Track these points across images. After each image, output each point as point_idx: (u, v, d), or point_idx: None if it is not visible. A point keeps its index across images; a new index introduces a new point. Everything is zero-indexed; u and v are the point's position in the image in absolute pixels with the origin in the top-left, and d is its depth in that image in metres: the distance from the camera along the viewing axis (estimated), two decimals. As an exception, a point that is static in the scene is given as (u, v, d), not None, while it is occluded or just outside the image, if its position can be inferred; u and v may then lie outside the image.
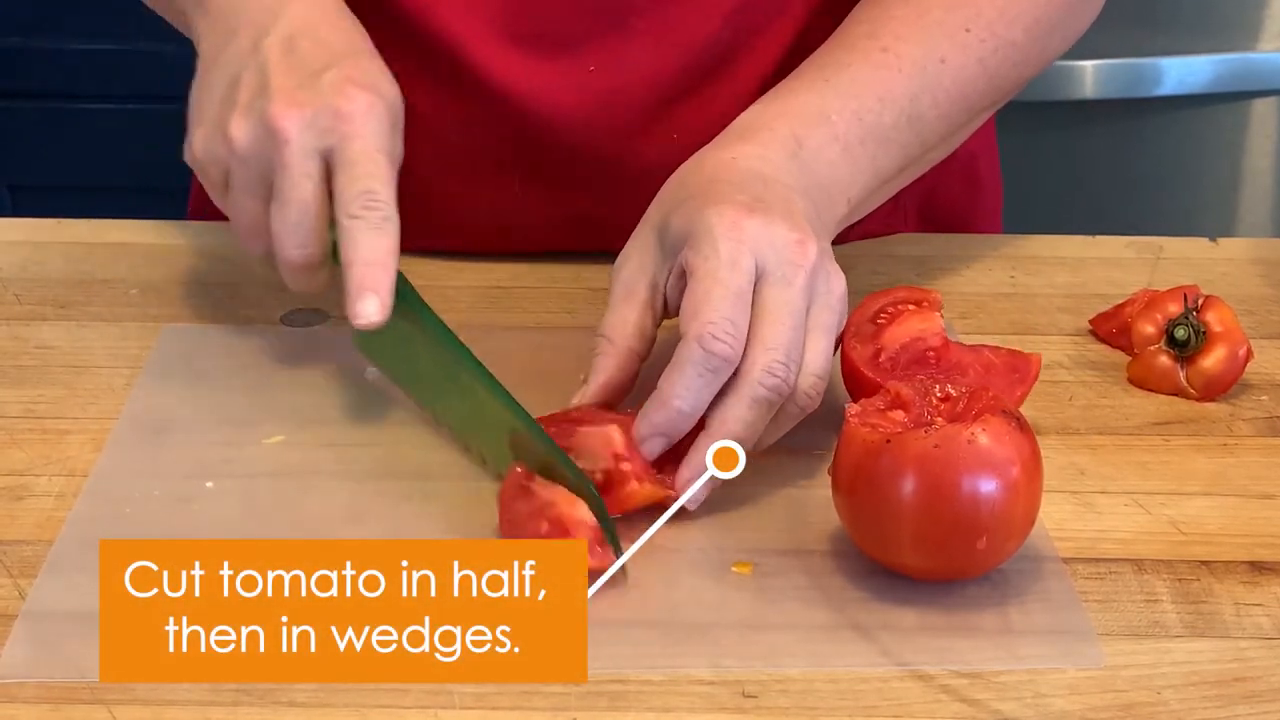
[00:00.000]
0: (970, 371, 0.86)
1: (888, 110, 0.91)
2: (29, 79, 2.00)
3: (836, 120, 0.90)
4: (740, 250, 0.80)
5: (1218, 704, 0.70)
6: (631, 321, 0.84)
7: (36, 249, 1.07)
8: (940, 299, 0.89)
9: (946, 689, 0.70)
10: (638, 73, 1.01)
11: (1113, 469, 0.86)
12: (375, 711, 0.69)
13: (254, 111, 0.85)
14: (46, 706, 0.69)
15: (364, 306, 0.83)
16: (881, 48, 0.93)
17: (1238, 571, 0.78)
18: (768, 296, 0.80)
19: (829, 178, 0.89)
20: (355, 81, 0.86)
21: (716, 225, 0.81)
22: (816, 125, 0.90)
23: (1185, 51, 1.91)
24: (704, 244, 0.81)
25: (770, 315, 0.80)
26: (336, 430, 0.87)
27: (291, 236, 0.86)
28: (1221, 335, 0.92)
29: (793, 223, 0.82)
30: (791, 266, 0.81)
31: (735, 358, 0.79)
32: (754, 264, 0.81)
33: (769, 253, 0.81)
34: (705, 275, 0.80)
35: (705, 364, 0.79)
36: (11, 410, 0.89)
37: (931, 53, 0.93)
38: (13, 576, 0.76)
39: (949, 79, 0.94)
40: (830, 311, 0.82)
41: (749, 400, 0.79)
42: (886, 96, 0.92)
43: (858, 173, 0.90)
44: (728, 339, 0.79)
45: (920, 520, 0.73)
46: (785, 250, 0.81)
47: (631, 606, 0.75)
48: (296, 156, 0.84)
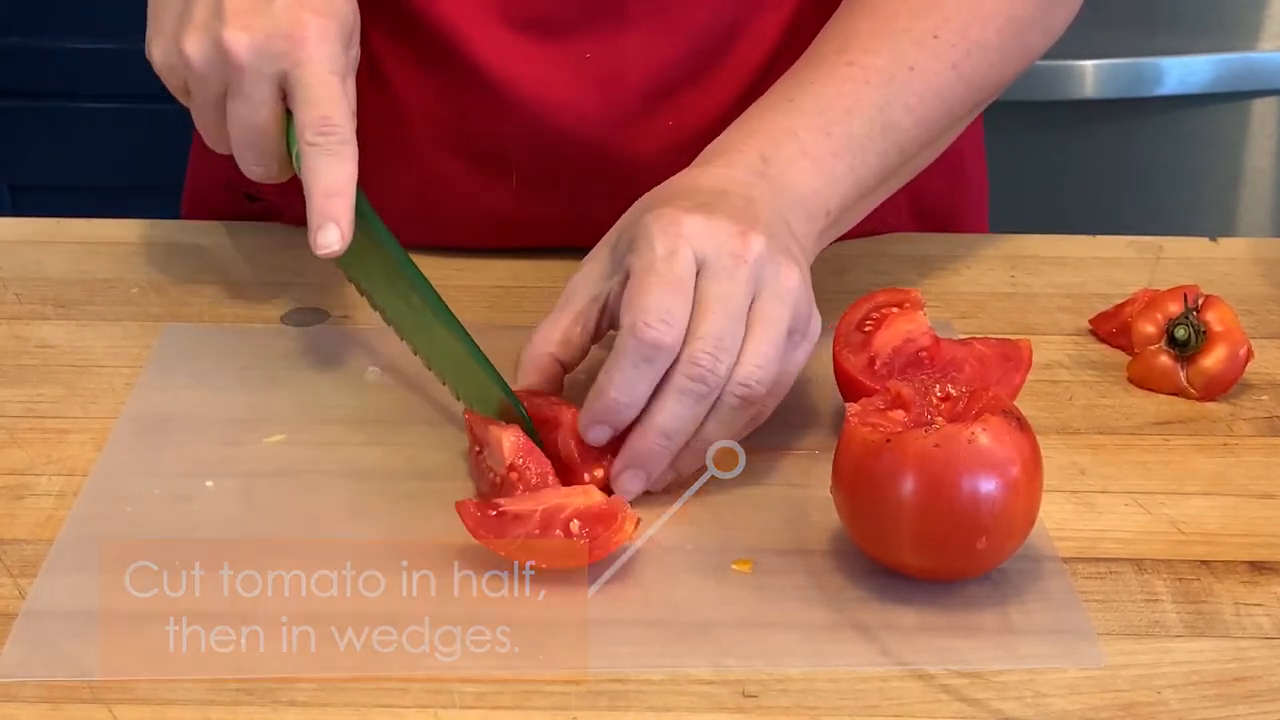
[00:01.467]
0: (965, 366, 0.86)
1: (856, 121, 0.91)
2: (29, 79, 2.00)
3: (804, 136, 0.90)
4: (678, 244, 0.81)
5: (1218, 704, 0.70)
6: (559, 329, 0.85)
7: (37, 248, 1.07)
8: (921, 297, 0.89)
9: (947, 688, 0.70)
10: (634, 60, 1.01)
11: (1113, 469, 0.86)
12: (375, 711, 0.69)
13: (208, 32, 0.86)
14: (47, 705, 0.69)
15: (324, 237, 0.84)
16: (848, 61, 0.93)
17: (1238, 571, 0.78)
18: (704, 288, 0.80)
19: (803, 190, 0.89)
20: (307, 5, 0.87)
21: (654, 224, 0.82)
22: (783, 143, 0.89)
23: (1185, 51, 1.91)
24: (641, 243, 0.82)
25: (703, 306, 0.80)
26: (337, 430, 0.87)
27: (249, 154, 0.88)
28: (1222, 335, 0.92)
29: (739, 219, 0.82)
30: (731, 258, 0.81)
31: (669, 345, 0.79)
32: (693, 257, 0.81)
33: (708, 245, 0.81)
34: (641, 270, 0.81)
35: (638, 353, 0.79)
36: (12, 409, 0.89)
37: (899, 61, 0.93)
38: (13, 576, 0.76)
39: (920, 85, 0.93)
40: (778, 302, 0.81)
41: (674, 391, 0.79)
42: (854, 108, 0.91)
43: (834, 183, 0.90)
44: (660, 326, 0.79)
45: (920, 520, 0.73)
46: (726, 243, 0.81)
47: (632, 605, 0.75)
48: (250, 83, 0.86)
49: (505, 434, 0.81)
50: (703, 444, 0.80)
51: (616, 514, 0.76)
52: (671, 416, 0.80)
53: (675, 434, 0.80)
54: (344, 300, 1.00)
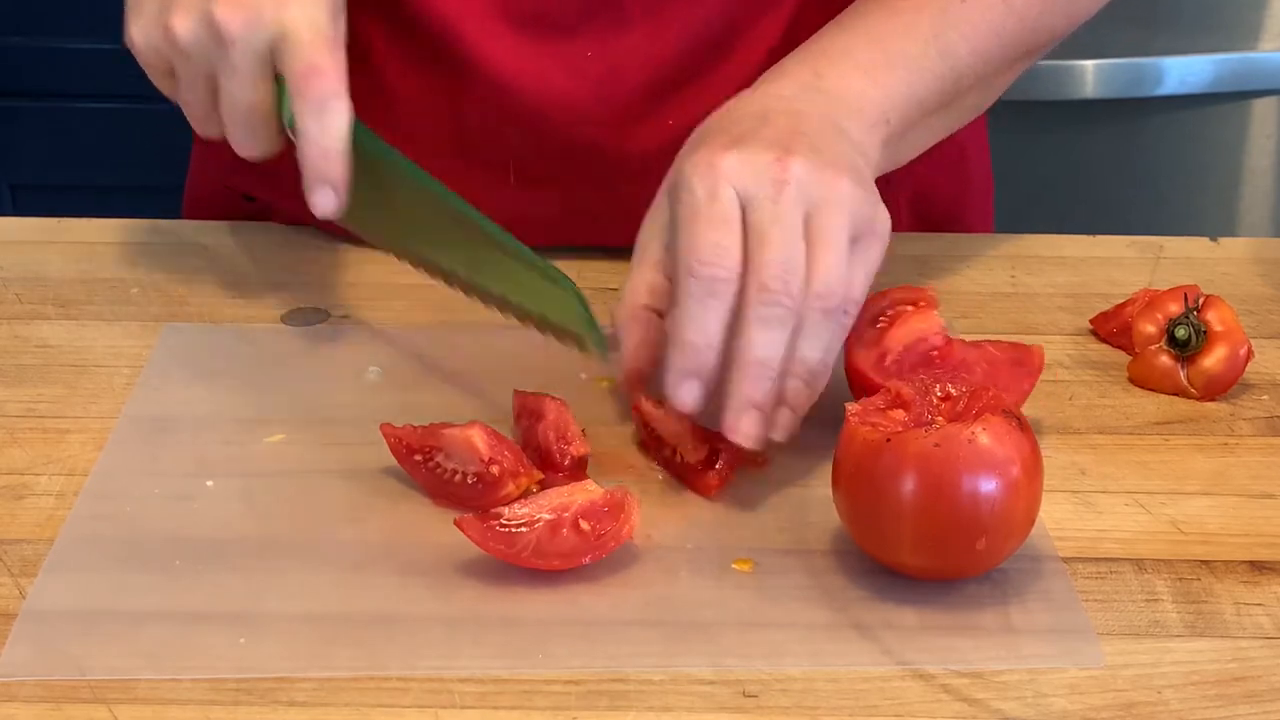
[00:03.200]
0: (976, 369, 0.86)
1: (912, 43, 0.92)
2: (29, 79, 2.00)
3: (859, 53, 0.91)
4: (716, 183, 0.81)
5: (1218, 703, 0.70)
6: (644, 280, 0.84)
7: (37, 248, 1.07)
8: (936, 296, 0.89)
9: (947, 688, 0.70)
10: (634, 58, 1.01)
11: (1113, 468, 0.86)
12: (375, 711, 0.69)
13: (197, 8, 0.86)
14: (47, 705, 0.69)
15: (320, 199, 0.85)
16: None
17: (1238, 571, 0.78)
18: (753, 220, 0.80)
19: (859, 99, 0.89)
20: None
21: (691, 171, 0.82)
22: (838, 59, 0.90)
23: (1186, 51, 1.91)
24: (682, 191, 0.82)
25: (757, 235, 0.80)
26: (337, 429, 0.87)
27: (243, 132, 0.88)
28: (1222, 335, 0.92)
29: (775, 144, 0.82)
30: (773, 184, 0.81)
31: (730, 276, 0.79)
32: (734, 193, 0.81)
33: (748, 178, 0.81)
34: (684, 217, 0.81)
35: (700, 290, 0.79)
36: (12, 409, 0.89)
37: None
38: (13, 575, 0.76)
39: (975, 14, 0.94)
40: (830, 213, 0.81)
41: (754, 321, 0.79)
42: (909, 32, 0.92)
43: (892, 95, 0.90)
44: (714, 259, 0.79)
45: (920, 519, 0.73)
46: (765, 171, 0.81)
47: (632, 605, 0.75)
48: (243, 59, 0.86)
49: (470, 431, 0.81)
50: (803, 367, 0.80)
51: (622, 504, 0.76)
52: (760, 344, 0.79)
53: (769, 360, 0.79)
54: (344, 300, 1.00)
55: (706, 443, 0.82)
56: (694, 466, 0.82)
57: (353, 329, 0.98)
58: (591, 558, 0.75)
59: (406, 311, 0.99)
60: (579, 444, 0.83)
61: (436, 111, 1.03)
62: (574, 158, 1.02)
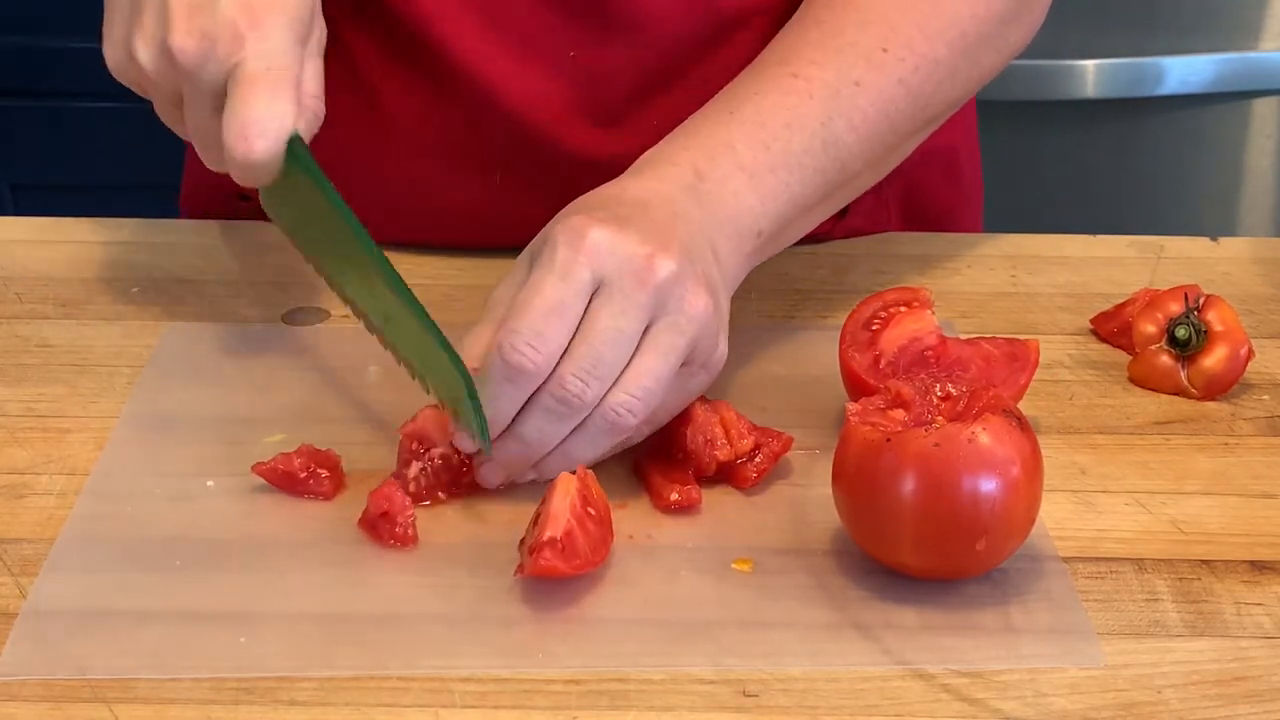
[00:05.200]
0: (971, 366, 0.86)
1: (797, 136, 0.89)
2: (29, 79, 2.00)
3: (742, 150, 0.88)
4: (575, 260, 0.79)
5: (1218, 703, 0.70)
6: (481, 342, 0.81)
7: (38, 248, 1.07)
8: (930, 296, 0.89)
9: (947, 688, 0.70)
10: (616, 64, 1.00)
11: (1114, 468, 0.86)
12: (376, 710, 0.69)
13: (156, 39, 0.85)
14: (47, 704, 0.69)
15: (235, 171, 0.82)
16: (792, 74, 0.90)
17: (1238, 571, 0.78)
18: (594, 308, 0.79)
19: (735, 208, 0.87)
20: (254, 4, 0.84)
21: (561, 234, 0.80)
22: (720, 156, 0.87)
23: (1186, 51, 1.91)
24: (544, 252, 0.80)
25: (587, 327, 0.79)
26: (337, 429, 0.87)
27: (208, 155, 0.87)
28: (1223, 335, 0.92)
29: (652, 238, 0.80)
30: (633, 279, 0.79)
31: (536, 370, 0.78)
32: (590, 275, 0.79)
33: (609, 263, 0.79)
34: (531, 284, 0.79)
35: (502, 373, 0.78)
36: (13, 409, 0.89)
37: (845, 75, 0.91)
38: (14, 575, 0.76)
39: (865, 101, 0.91)
40: (675, 332, 0.79)
41: (539, 406, 0.79)
42: (795, 123, 0.89)
43: (769, 200, 0.88)
44: (526, 350, 0.78)
45: (920, 519, 0.73)
46: (629, 262, 0.79)
47: (632, 605, 0.75)
48: (196, 86, 0.85)
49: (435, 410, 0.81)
50: (565, 457, 0.80)
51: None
52: (533, 429, 0.79)
53: (535, 445, 0.80)
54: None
55: (750, 435, 0.83)
56: (731, 462, 0.82)
57: (352, 329, 0.97)
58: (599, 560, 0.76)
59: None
60: (724, 448, 0.82)
61: (421, 113, 1.03)
62: (558, 159, 1.02)
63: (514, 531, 0.78)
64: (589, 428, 0.79)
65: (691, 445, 0.82)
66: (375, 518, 0.78)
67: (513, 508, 0.80)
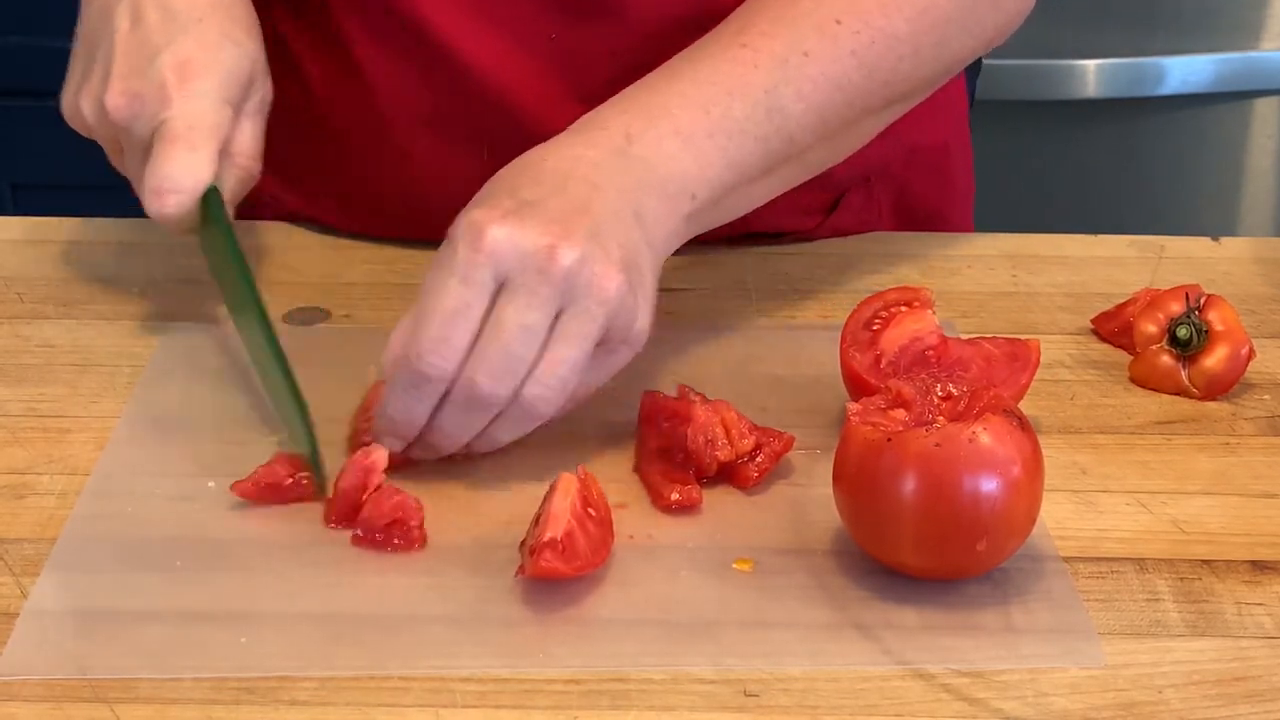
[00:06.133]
0: (972, 366, 0.86)
1: (738, 103, 0.88)
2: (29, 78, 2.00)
3: (679, 113, 0.87)
4: (474, 261, 0.79)
5: (1219, 703, 0.70)
6: (401, 337, 0.82)
7: (39, 248, 1.07)
8: (930, 296, 0.89)
9: (948, 688, 0.70)
10: (598, 43, 1.00)
11: (1114, 468, 0.86)
12: (377, 710, 0.69)
13: (96, 97, 0.92)
14: (48, 704, 0.69)
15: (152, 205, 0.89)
16: (741, 44, 0.90)
17: (1239, 571, 0.78)
18: (500, 306, 0.79)
19: (668, 171, 0.86)
20: (187, 64, 0.90)
21: (462, 235, 0.80)
22: (656, 119, 0.87)
23: (1187, 51, 1.91)
24: (446, 252, 0.80)
25: (493, 327, 0.79)
26: (337, 428, 0.87)
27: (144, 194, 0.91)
28: (1223, 334, 0.92)
29: (554, 226, 0.79)
30: (536, 274, 0.78)
31: (441, 376, 0.79)
32: (492, 274, 0.79)
33: (511, 261, 0.79)
34: (433, 289, 0.79)
35: (409, 380, 0.79)
36: (13, 409, 0.89)
37: (794, 45, 0.90)
38: (15, 575, 0.76)
39: (815, 70, 0.90)
40: (586, 319, 0.79)
41: (453, 404, 0.80)
42: (737, 90, 0.88)
43: (705, 166, 0.87)
44: (433, 359, 0.78)
45: (921, 519, 0.73)
46: (531, 257, 0.78)
47: (632, 604, 0.75)
48: (131, 144, 0.92)
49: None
50: (489, 440, 0.82)
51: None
52: (452, 424, 0.81)
53: (457, 438, 0.81)
54: (345, 300, 1.00)
55: (751, 435, 0.83)
56: (733, 462, 0.82)
57: (353, 329, 0.98)
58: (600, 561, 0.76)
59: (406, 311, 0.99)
60: (725, 448, 0.82)
61: (409, 91, 1.03)
62: (546, 138, 1.01)
63: (514, 532, 0.78)
64: (508, 417, 0.81)
65: (692, 445, 0.82)
66: (383, 527, 0.78)
67: (513, 508, 0.80)
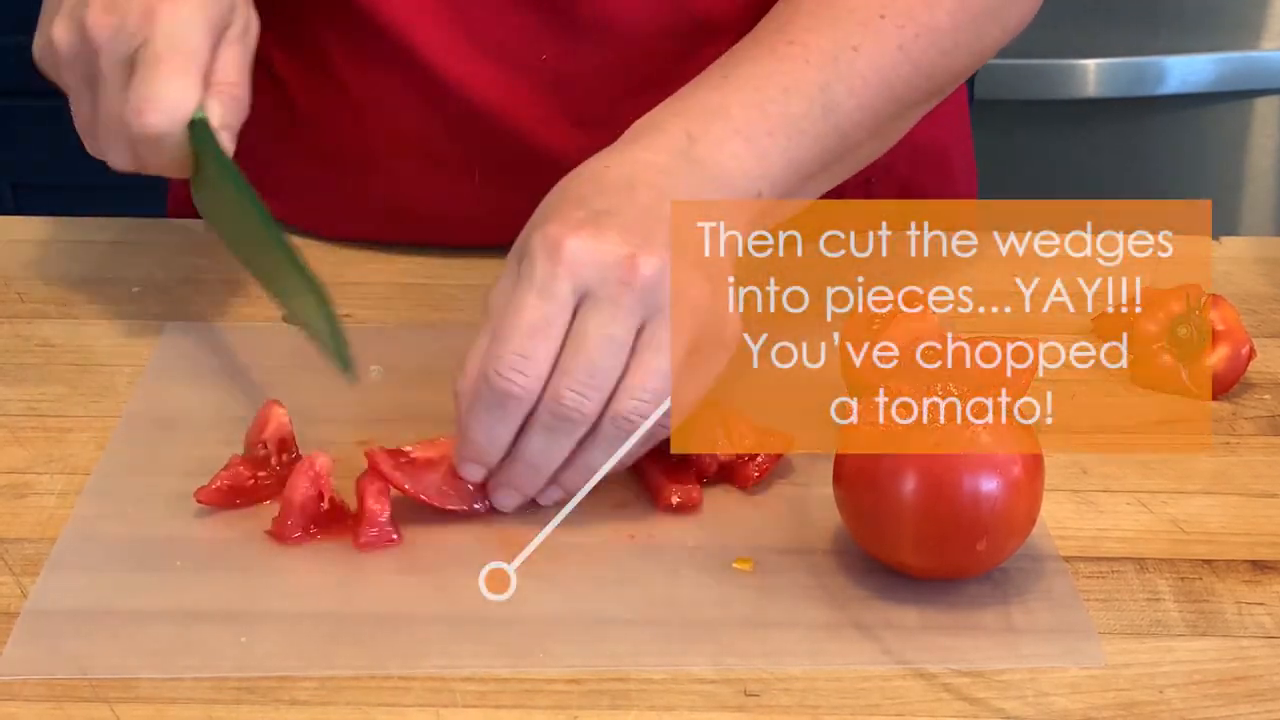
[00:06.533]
0: (972, 366, 0.86)
1: (794, 100, 0.87)
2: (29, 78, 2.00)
3: (737, 113, 0.86)
4: (555, 275, 0.76)
5: (1220, 703, 0.70)
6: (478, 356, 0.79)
7: (39, 247, 1.07)
8: (931, 296, 0.89)
9: (948, 687, 0.70)
10: (588, 63, 1.00)
11: (1115, 468, 0.86)
12: (377, 710, 0.69)
13: (74, 18, 0.88)
14: (48, 704, 0.69)
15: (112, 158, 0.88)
16: (788, 40, 0.89)
17: (1240, 570, 0.78)
18: (581, 319, 0.77)
19: (732, 170, 0.84)
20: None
21: (538, 249, 0.77)
22: (713, 120, 0.85)
23: (1188, 50, 1.91)
24: (524, 267, 0.78)
25: (575, 340, 0.76)
26: (337, 428, 0.87)
27: (116, 145, 0.89)
28: (1224, 334, 0.92)
29: (633, 235, 0.78)
30: (617, 285, 0.76)
31: (524, 394, 0.76)
32: (572, 288, 0.77)
33: (591, 273, 0.77)
34: (512, 304, 0.77)
35: (491, 400, 0.77)
36: (14, 408, 0.89)
37: (843, 42, 0.89)
38: (15, 574, 0.76)
39: (864, 66, 0.89)
40: (674, 324, 0.77)
41: (539, 427, 0.77)
42: (793, 87, 0.87)
43: (767, 164, 0.86)
44: (512, 375, 0.76)
45: (921, 519, 0.73)
46: (611, 269, 0.76)
47: (633, 604, 0.75)
48: (107, 66, 0.87)
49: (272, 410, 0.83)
50: (584, 468, 0.77)
51: None
52: (537, 451, 0.77)
53: (544, 465, 0.78)
54: (344, 300, 1.00)
55: (751, 435, 0.83)
56: (733, 460, 0.82)
57: (353, 329, 0.97)
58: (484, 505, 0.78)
59: (406, 311, 0.99)
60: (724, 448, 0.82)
61: (398, 114, 1.02)
62: (536, 158, 1.01)
63: (515, 531, 0.78)
64: (600, 438, 0.78)
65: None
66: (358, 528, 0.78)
67: (513, 507, 0.80)
